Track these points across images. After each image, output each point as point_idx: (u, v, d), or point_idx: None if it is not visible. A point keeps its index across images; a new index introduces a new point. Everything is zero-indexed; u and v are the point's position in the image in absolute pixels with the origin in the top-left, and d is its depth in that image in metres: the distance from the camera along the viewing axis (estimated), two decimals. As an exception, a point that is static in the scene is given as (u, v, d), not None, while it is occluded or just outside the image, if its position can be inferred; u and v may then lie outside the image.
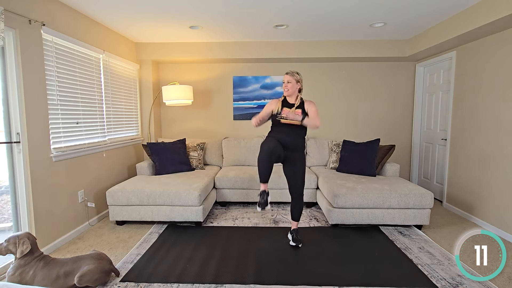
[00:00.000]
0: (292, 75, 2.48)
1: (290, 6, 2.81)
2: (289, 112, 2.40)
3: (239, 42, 4.04)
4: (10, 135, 2.26)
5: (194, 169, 3.84)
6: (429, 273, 2.14)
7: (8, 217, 2.31)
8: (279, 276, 2.08)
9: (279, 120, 2.44)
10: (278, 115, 2.45)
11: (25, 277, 1.79)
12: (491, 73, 2.99)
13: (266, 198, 2.33)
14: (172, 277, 2.08)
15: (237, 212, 3.48)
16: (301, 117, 2.39)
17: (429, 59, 4.04)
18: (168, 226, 3.04)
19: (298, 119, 2.38)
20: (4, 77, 2.21)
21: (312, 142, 4.15)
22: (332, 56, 4.05)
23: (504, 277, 2.09)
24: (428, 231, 2.93)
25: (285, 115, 2.40)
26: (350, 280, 2.04)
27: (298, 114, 2.43)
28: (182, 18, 3.12)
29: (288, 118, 2.40)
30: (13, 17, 2.15)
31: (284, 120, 2.42)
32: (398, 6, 2.82)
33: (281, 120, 2.43)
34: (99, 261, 1.95)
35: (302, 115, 2.42)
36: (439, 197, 3.92)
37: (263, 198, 2.33)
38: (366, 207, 2.89)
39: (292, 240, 2.60)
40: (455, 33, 3.05)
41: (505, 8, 2.45)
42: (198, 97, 4.47)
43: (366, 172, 3.47)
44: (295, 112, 2.44)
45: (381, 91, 4.45)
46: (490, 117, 3.00)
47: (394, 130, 4.51)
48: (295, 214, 2.63)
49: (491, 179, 3.00)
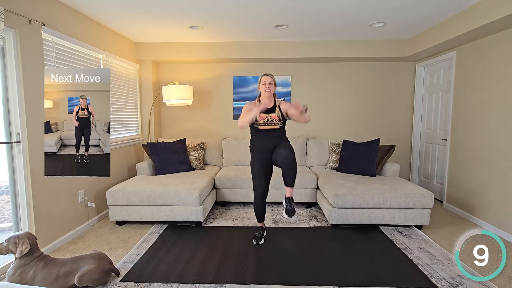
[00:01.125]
0: (272, 77, 2.50)
1: (290, 6, 2.81)
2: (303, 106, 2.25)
3: (239, 42, 4.04)
4: (10, 135, 2.26)
5: (194, 169, 3.84)
6: (429, 273, 2.14)
7: (8, 217, 2.31)
8: (279, 276, 2.08)
9: (257, 127, 2.49)
10: (256, 122, 2.47)
11: (25, 277, 1.79)
12: (491, 73, 2.99)
13: (262, 234, 2.69)
14: (172, 277, 2.08)
15: (237, 212, 3.48)
16: (281, 122, 2.47)
17: (429, 59, 4.04)
18: (168, 226, 3.04)
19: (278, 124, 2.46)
20: (4, 77, 2.21)
21: (312, 142, 4.15)
22: (332, 56, 4.05)
23: (504, 277, 2.09)
24: (428, 231, 2.93)
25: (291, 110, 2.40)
26: (350, 280, 2.04)
27: (276, 118, 2.47)
28: (182, 18, 3.12)
29: (292, 117, 2.44)
30: (13, 17, 2.15)
31: (263, 127, 2.47)
32: (398, 6, 2.82)
33: (259, 127, 2.47)
34: (99, 261, 1.95)
35: (281, 119, 2.47)
36: (439, 197, 3.91)
37: (259, 233, 2.67)
38: (366, 207, 2.89)
39: (286, 211, 2.38)
40: (455, 33, 3.05)
41: (505, 8, 2.45)
42: (198, 97, 4.47)
43: (366, 172, 3.47)
44: (273, 116, 2.47)
45: (381, 91, 4.45)
46: (490, 117, 3.00)
47: (394, 130, 4.51)
48: (288, 179, 2.32)
49: (491, 179, 2.99)
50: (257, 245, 2.59)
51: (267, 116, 2.47)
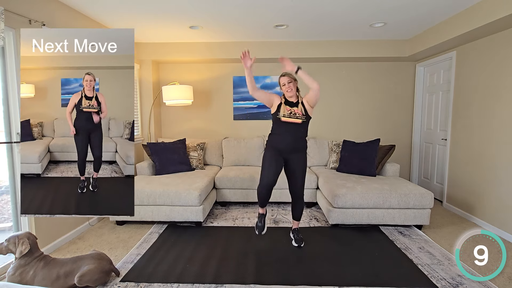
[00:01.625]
0: (289, 75, 2.44)
1: (290, 6, 2.81)
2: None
3: (239, 42, 4.04)
4: (10, 135, 2.26)
5: (194, 169, 3.84)
6: (429, 273, 2.14)
7: (8, 217, 2.31)
8: (279, 276, 2.09)
9: (279, 118, 2.40)
10: (278, 113, 2.41)
11: (25, 277, 1.79)
12: (491, 73, 2.99)
13: (264, 221, 2.59)
14: (172, 277, 2.08)
15: (237, 212, 3.48)
16: (304, 116, 2.40)
17: (429, 59, 4.03)
18: (168, 226, 3.04)
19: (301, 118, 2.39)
20: (4, 77, 2.21)
21: (312, 142, 4.15)
22: (332, 56, 4.05)
23: (504, 277, 2.09)
24: (428, 231, 2.93)
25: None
26: (350, 280, 2.04)
27: (299, 113, 2.40)
28: (182, 18, 3.12)
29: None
30: (13, 17, 2.14)
31: (285, 118, 2.38)
32: (398, 6, 2.82)
33: (282, 118, 2.39)
34: (99, 261, 1.95)
35: (304, 114, 2.40)
36: (439, 197, 3.91)
37: (260, 221, 2.58)
38: (366, 207, 2.89)
39: (295, 241, 2.60)
40: (455, 33, 3.05)
41: (505, 8, 2.45)
42: (198, 97, 4.47)
43: (366, 172, 3.47)
44: (296, 110, 2.40)
45: (381, 91, 4.45)
46: (490, 117, 3.00)
47: (394, 130, 4.51)
48: (296, 214, 2.64)
49: (491, 179, 2.99)
50: (260, 234, 2.57)
51: (291, 109, 2.39)
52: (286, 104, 2.42)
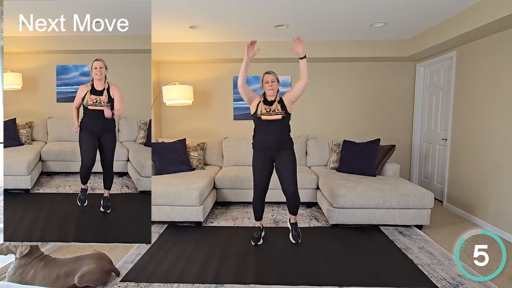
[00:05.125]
0: (274, 74, 2.48)
1: (290, 6, 2.82)
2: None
3: (239, 42, 4.04)
4: (11, 135, 2.25)
5: (194, 169, 3.84)
6: (429, 273, 2.14)
7: (9, 217, 2.31)
8: (279, 276, 2.09)
9: (260, 117, 2.43)
10: (257, 112, 2.44)
11: (25, 277, 1.79)
12: (491, 73, 2.99)
13: (260, 234, 2.65)
14: (172, 277, 2.08)
15: (237, 212, 3.48)
16: (284, 112, 2.42)
17: (429, 59, 4.03)
18: (168, 226, 3.04)
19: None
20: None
21: (312, 142, 4.15)
22: (332, 56, 4.05)
23: (504, 277, 2.09)
24: (428, 231, 2.93)
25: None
26: (350, 280, 2.04)
27: (278, 108, 2.43)
28: (182, 18, 3.12)
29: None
30: (14, 17, 2.14)
31: (265, 117, 2.42)
32: (398, 6, 2.82)
33: (262, 117, 2.42)
34: (100, 261, 1.96)
35: (284, 110, 2.42)
36: (439, 197, 3.91)
37: (257, 234, 2.64)
38: (366, 207, 2.89)
39: (292, 236, 2.61)
40: (455, 33, 3.05)
41: (505, 8, 2.45)
42: (198, 97, 4.47)
43: (366, 172, 3.47)
44: (275, 107, 2.43)
45: (381, 91, 4.45)
46: (491, 117, 3.00)
47: (394, 130, 4.50)
48: (291, 210, 2.63)
49: (491, 179, 2.99)
50: (256, 245, 2.59)
51: (269, 107, 2.43)
52: (264, 103, 2.45)
